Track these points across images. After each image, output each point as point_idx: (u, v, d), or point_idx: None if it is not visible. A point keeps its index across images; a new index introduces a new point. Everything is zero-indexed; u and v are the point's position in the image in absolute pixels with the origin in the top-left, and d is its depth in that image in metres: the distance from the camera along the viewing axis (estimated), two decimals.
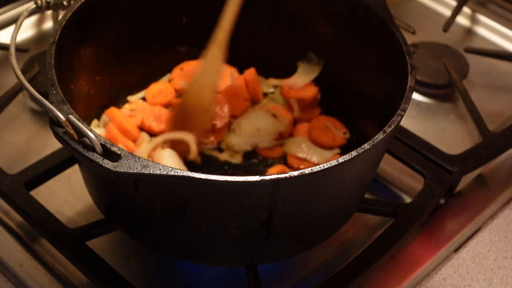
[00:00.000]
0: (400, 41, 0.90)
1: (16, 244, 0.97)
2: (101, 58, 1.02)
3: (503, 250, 1.01)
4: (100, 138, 0.73)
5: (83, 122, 0.73)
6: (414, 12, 1.47)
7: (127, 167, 0.71)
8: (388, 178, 1.11)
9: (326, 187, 0.80)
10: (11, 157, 1.10)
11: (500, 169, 1.12)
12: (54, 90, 0.79)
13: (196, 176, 0.71)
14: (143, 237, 0.89)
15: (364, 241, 1.01)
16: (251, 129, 1.08)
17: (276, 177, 0.73)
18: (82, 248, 0.92)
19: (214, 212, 0.78)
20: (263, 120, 1.08)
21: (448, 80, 1.25)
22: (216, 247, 0.84)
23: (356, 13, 0.99)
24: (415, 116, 1.22)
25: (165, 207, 0.79)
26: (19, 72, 0.79)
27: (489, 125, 1.13)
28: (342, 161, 0.75)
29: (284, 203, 0.77)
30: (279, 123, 1.08)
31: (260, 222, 0.79)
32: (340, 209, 0.89)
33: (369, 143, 0.77)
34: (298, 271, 0.97)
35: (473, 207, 1.05)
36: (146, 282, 0.95)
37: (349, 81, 1.07)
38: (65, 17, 0.90)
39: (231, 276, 0.97)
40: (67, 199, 1.04)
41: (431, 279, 0.97)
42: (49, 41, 0.86)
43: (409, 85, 0.85)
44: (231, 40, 1.02)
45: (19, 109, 1.18)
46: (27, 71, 1.18)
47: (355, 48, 1.03)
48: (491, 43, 1.40)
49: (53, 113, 0.73)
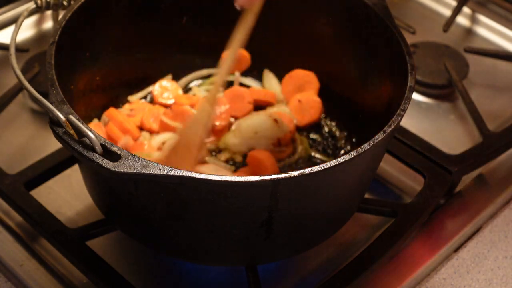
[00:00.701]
0: (400, 41, 0.90)
1: (16, 244, 0.97)
2: (101, 58, 1.02)
3: (503, 250, 1.01)
4: (100, 138, 0.73)
5: (83, 122, 0.73)
6: (414, 12, 1.46)
7: (127, 167, 0.71)
8: (388, 178, 1.11)
9: (326, 187, 0.81)
10: (11, 157, 1.10)
11: (500, 169, 1.12)
12: (54, 90, 0.79)
13: (196, 176, 0.71)
14: (143, 237, 0.89)
15: (364, 241, 1.00)
16: (250, 131, 1.08)
17: (276, 177, 0.73)
18: (82, 248, 0.92)
19: (214, 212, 0.78)
20: (263, 124, 1.08)
21: (448, 80, 1.25)
22: (216, 247, 0.84)
23: (356, 13, 0.99)
24: (415, 116, 1.22)
25: (165, 207, 0.79)
26: (19, 72, 0.79)
27: (489, 125, 1.13)
28: (342, 161, 0.75)
29: (284, 203, 0.77)
30: (278, 129, 1.08)
31: (260, 222, 0.79)
32: (340, 209, 0.89)
33: (369, 143, 0.77)
34: (298, 271, 0.97)
35: (473, 207, 1.05)
36: (146, 282, 0.95)
37: (349, 81, 1.07)
38: (65, 17, 0.90)
39: (231, 276, 0.97)
40: (67, 199, 1.04)
41: (431, 279, 0.97)
42: (49, 41, 0.86)
43: (409, 85, 0.85)
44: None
45: (19, 109, 1.18)
46: (27, 71, 1.18)
47: (355, 48, 1.04)
48: (491, 43, 1.40)
49: (53, 113, 0.73)
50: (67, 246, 0.92)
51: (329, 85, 1.12)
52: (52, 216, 0.96)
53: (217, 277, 0.96)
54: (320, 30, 1.08)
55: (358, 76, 1.04)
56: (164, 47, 1.12)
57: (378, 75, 0.98)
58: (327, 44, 1.09)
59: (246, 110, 1.12)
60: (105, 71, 1.04)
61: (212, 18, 0.98)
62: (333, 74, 1.11)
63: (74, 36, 0.92)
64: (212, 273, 0.96)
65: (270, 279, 0.95)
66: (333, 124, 1.13)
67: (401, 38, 0.91)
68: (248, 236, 0.82)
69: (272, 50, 1.15)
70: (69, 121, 0.73)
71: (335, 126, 1.12)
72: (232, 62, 0.96)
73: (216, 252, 0.86)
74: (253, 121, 1.09)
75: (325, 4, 1.05)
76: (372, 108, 1.00)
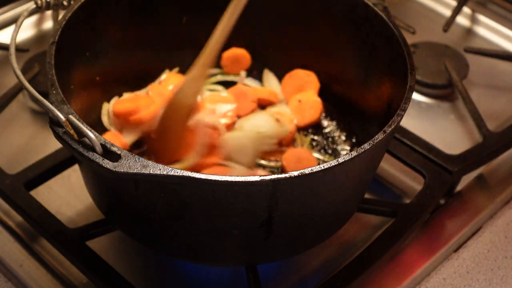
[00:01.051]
0: (400, 42, 0.90)
1: (16, 244, 0.97)
2: (101, 58, 1.02)
3: (503, 250, 1.01)
4: (100, 138, 0.73)
5: (83, 122, 0.73)
6: (414, 12, 1.47)
7: (127, 167, 0.71)
8: (388, 178, 1.11)
9: (326, 187, 0.81)
10: (11, 157, 1.10)
11: (500, 169, 1.12)
12: (54, 90, 0.79)
13: (196, 176, 0.71)
14: (143, 237, 0.89)
15: (364, 241, 1.01)
16: (252, 131, 1.08)
17: (276, 177, 0.73)
18: (82, 248, 0.92)
19: (214, 212, 0.78)
20: (266, 123, 1.08)
21: (448, 80, 1.25)
22: (216, 247, 0.84)
23: (356, 13, 0.99)
24: (415, 116, 1.22)
25: (165, 207, 0.79)
26: (19, 72, 0.79)
27: (489, 125, 1.13)
28: (342, 161, 0.75)
29: (284, 203, 0.77)
30: (280, 128, 1.08)
31: (260, 222, 0.79)
32: (340, 209, 0.89)
33: (369, 143, 0.77)
34: (298, 271, 0.97)
35: (473, 207, 1.05)
36: (146, 282, 0.95)
37: (349, 81, 1.07)
38: (65, 17, 0.90)
39: (231, 276, 0.97)
40: (67, 199, 1.04)
41: (431, 279, 0.97)
42: (49, 41, 0.86)
43: (409, 85, 0.85)
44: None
45: (19, 109, 1.18)
46: (27, 71, 1.18)
47: (355, 48, 1.04)
48: (491, 43, 1.40)
49: (53, 113, 0.73)
50: (67, 246, 0.92)
51: (329, 85, 1.12)
52: (52, 216, 0.96)
53: (217, 277, 0.96)
54: (320, 30, 1.08)
55: (358, 76, 1.04)
56: (164, 47, 1.12)
57: (378, 75, 0.98)
58: (327, 44, 1.09)
59: (250, 108, 1.12)
60: (105, 70, 1.04)
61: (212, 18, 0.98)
62: (333, 74, 1.11)
63: (74, 36, 0.92)
64: (212, 273, 0.96)
65: (270, 279, 0.95)
66: (333, 124, 1.13)
67: (401, 38, 0.91)
68: (248, 236, 0.82)
69: (272, 50, 1.15)
70: (69, 121, 0.73)
71: (335, 126, 1.12)
72: (221, 41, 0.95)
73: (216, 252, 0.86)
74: (256, 120, 1.09)
75: (325, 4, 1.05)
76: (372, 108, 1.01)
